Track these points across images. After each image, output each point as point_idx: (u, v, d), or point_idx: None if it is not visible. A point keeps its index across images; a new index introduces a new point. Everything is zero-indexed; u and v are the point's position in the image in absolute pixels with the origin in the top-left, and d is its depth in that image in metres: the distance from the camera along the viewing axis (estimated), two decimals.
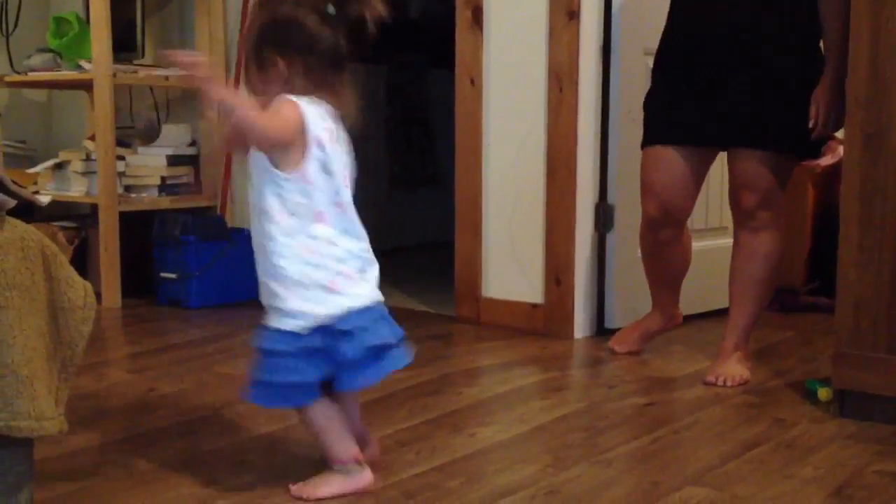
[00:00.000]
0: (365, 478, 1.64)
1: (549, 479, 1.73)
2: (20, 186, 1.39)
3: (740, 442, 1.95)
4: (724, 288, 2.49)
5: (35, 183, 3.56)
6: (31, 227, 1.39)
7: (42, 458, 1.56)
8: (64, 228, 3.41)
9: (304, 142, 1.55)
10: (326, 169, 1.58)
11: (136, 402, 2.17)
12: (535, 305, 2.94)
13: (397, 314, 1.65)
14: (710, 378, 2.38)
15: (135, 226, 3.32)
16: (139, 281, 3.33)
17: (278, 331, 1.57)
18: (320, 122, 1.58)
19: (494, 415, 2.14)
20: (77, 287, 1.40)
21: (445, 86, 3.56)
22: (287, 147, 1.55)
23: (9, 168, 3.61)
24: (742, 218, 2.39)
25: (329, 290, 1.56)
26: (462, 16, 3.02)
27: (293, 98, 1.57)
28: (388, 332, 1.63)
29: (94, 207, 3.33)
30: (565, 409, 2.17)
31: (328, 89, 1.62)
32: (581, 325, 2.88)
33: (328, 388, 1.63)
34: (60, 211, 3.55)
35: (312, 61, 1.59)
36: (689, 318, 2.75)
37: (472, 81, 3.01)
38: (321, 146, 1.57)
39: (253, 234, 1.63)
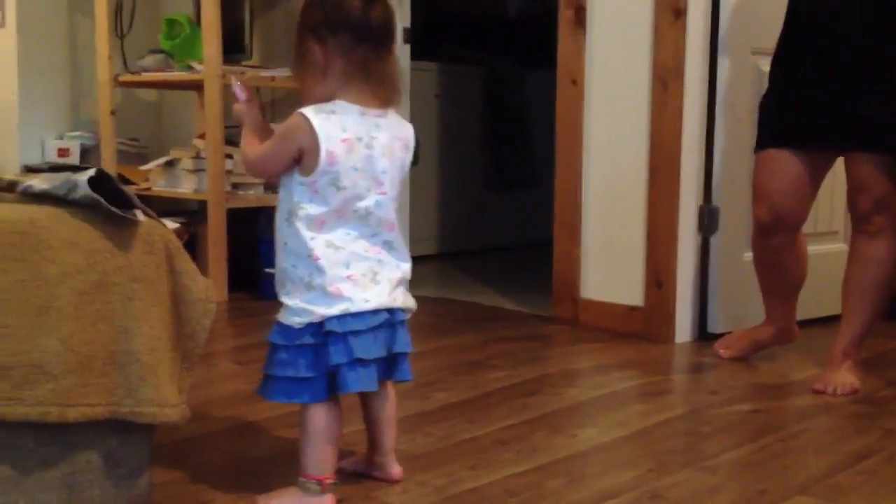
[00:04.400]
0: (321, 502, 1.54)
1: (653, 483, 1.71)
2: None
3: (850, 453, 1.90)
4: (834, 293, 2.42)
5: (147, 179, 3.70)
6: (155, 223, 1.45)
7: (154, 444, 1.61)
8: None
9: (316, 153, 1.48)
10: (335, 183, 1.49)
11: (242, 392, 2.23)
12: (633, 308, 2.91)
13: (491, 313, 1.64)
14: (819, 386, 2.32)
15: (241, 222, 3.42)
16: (244, 275, 3.43)
17: (280, 325, 1.54)
18: (337, 134, 1.48)
19: (594, 417, 2.13)
20: (198, 280, 1.45)
21: (542, 86, 3.55)
22: (302, 156, 1.50)
23: (122, 164, 3.77)
24: (858, 222, 2.32)
25: (330, 293, 1.50)
26: (564, 16, 3.01)
27: (306, 111, 1.48)
28: (383, 343, 1.55)
29: (203, 204, 3.44)
30: (667, 413, 2.15)
31: (372, 76, 1.50)
32: (682, 329, 2.84)
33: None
34: (171, 207, 3.68)
35: (346, 39, 1.48)
36: (798, 324, 2.68)
37: (574, 82, 3.00)
38: (332, 161, 1.48)
39: (276, 230, 1.57)
